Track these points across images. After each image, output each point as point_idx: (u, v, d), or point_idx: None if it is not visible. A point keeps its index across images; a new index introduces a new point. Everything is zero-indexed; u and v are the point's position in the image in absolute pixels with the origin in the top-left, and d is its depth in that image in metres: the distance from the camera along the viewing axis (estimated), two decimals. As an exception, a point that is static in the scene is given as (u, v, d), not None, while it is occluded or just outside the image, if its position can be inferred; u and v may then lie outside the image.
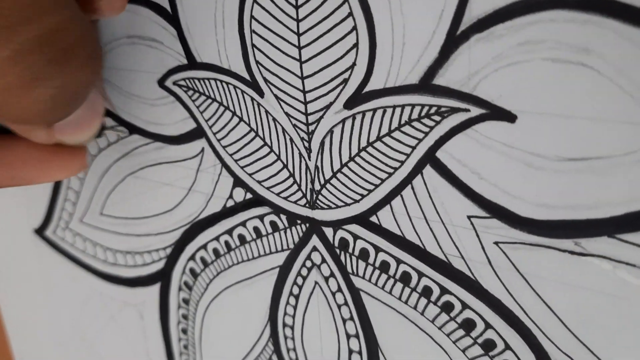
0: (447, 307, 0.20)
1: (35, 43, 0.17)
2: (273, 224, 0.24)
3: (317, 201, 0.22)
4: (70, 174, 0.24)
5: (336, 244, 0.22)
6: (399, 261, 0.21)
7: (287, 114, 0.21)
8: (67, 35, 0.18)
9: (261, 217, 0.24)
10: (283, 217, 0.23)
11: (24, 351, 0.38)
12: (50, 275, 0.33)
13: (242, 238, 0.25)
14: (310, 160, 0.21)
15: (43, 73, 0.17)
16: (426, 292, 0.20)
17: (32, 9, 0.16)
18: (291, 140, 0.22)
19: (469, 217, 0.18)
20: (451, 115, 0.18)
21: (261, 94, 0.22)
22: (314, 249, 0.23)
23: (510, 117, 0.17)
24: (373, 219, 0.21)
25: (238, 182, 0.24)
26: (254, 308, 0.26)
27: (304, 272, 0.24)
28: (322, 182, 0.21)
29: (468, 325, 0.20)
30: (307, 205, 0.22)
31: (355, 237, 0.22)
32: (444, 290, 0.20)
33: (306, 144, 0.21)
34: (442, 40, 0.17)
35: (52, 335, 0.35)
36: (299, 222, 0.23)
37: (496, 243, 0.18)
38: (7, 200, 0.33)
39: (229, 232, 0.25)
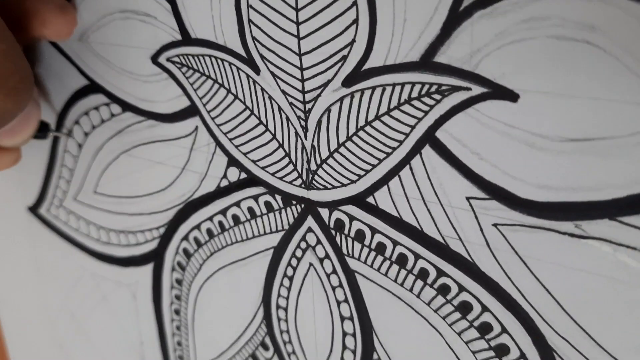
0: (444, 290, 0.20)
1: None
2: (268, 204, 0.23)
3: (313, 181, 0.22)
4: (1, 169, 0.27)
5: (332, 225, 0.22)
6: (395, 243, 0.20)
7: (283, 92, 0.21)
8: None
9: (256, 197, 0.24)
10: (278, 197, 0.23)
11: (14, 328, 0.38)
12: (43, 254, 0.33)
13: (236, 218, 0.25)
14: (306, 139, 0.21)
15: None
16: (422, 274, 0.20)
17: None
18: (287, 118, 0.21)
19: (467, 199, 0.18)
20: (452, 93, 0.17)
21: (257, 71, 0.21)
22: (309, 230, 0.23)
23: (512, 96, 0.16)
24: (370, 200, 0.20)
25: (232, 162, 0.24)
26: (247, 289, 0.26)
27: (299, 253, 0.23)
28: (319, 162, 0.21)
29: (464, 308, 0.20)
30: (302, 185, 0.22)
31: (351, 218, 0.21)
32: (440, 273, 0.20)
33: (303, 123, 0.21)
34: (444, 16, 0.16)
35: (42, 314, 0.35)
36: (294, 202, 0.23)
37: (495, 225, 0.18)
38: (2, 178, 0.33)
39: (223, 212, 0.25)
